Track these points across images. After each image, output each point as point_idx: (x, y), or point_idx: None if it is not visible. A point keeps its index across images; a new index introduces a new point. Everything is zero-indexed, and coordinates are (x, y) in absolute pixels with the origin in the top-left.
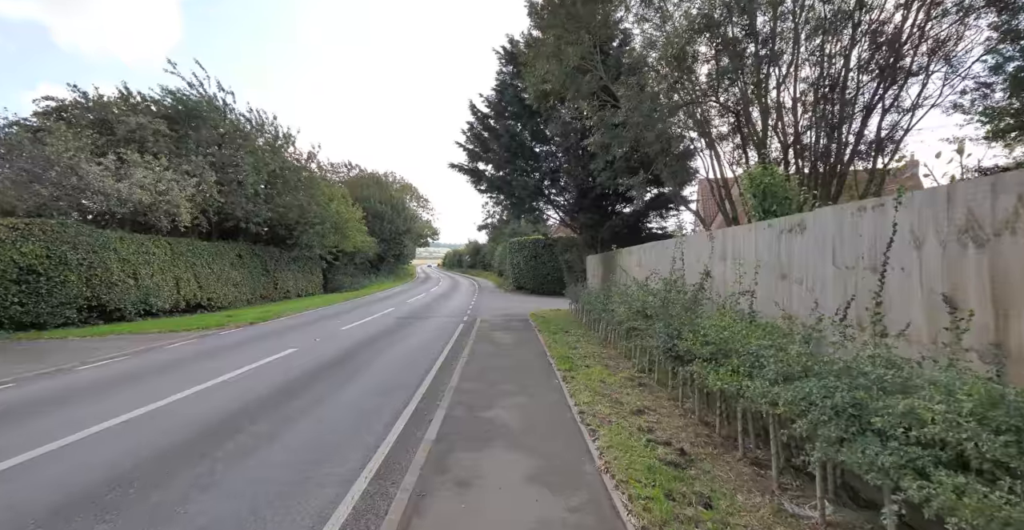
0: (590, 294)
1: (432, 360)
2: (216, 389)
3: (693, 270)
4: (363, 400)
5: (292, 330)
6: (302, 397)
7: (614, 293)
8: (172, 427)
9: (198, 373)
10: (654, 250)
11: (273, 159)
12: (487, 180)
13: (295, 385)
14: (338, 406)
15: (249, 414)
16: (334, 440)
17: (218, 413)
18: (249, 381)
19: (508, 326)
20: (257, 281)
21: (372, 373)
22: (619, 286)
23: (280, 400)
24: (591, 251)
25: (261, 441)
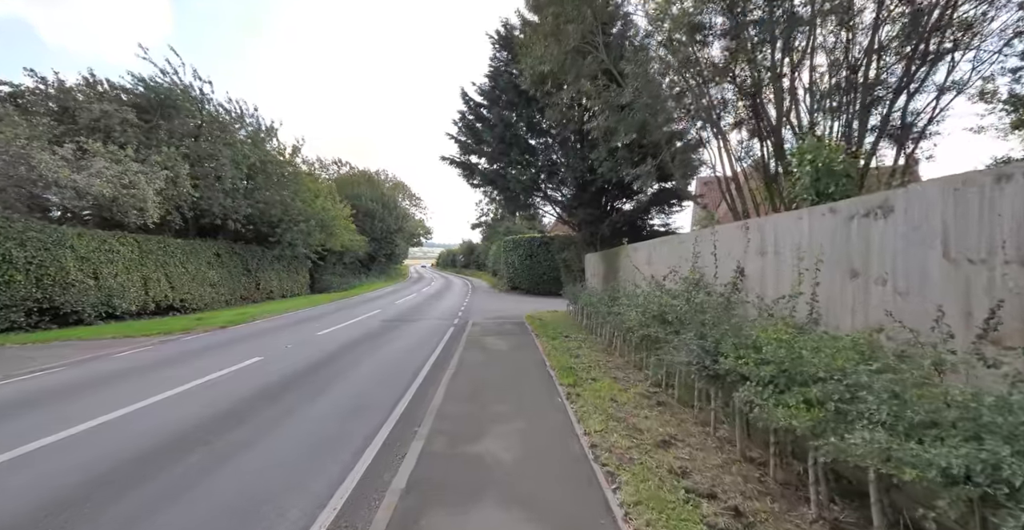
0: (591, 295)
1: (414, 372)
2: (142, 414)
3: (724, 267)
4: (324, 426)
5: (264, 335)
6: (251, 421)
7: (621, 294)
8: (51, 476)
9: (134, 390)
10: (666, 245)
11: (254, 152)
12: (480, 174)
13: (246, 406)
14: (292, 435)
15: (170, 452)
16: (273, 487)
17: (127, 451)
18: (191, 401)
19: (502, 330)
20: (237, 281)
21: (342, 389)
22: (626, 286)
23: (221, 427)
24: (590, 249)
25: (175, 493)
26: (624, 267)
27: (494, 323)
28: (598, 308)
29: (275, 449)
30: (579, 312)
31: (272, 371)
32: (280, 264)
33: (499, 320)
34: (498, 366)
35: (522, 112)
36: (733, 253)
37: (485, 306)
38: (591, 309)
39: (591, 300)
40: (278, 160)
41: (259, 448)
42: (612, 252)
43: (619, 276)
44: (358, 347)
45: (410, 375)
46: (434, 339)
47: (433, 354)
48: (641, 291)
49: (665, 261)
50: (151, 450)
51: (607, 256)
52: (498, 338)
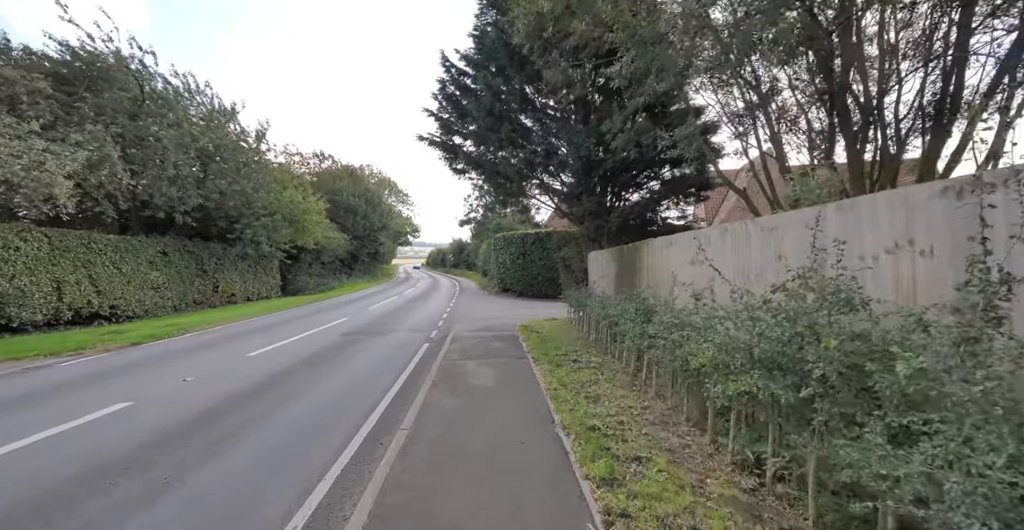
0: (605, 304)
1: (341, 443)
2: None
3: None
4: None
5: (172, 358)
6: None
7: (657, 306)
8: None
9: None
10: (733, 238)
11: (205, 135)
12: (464, 156)
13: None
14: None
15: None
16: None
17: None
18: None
19: (488, 349)
20: (189, 284)
21: (201, 483)
22: (659, 294)
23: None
24: (594, 246)
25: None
26: (651, 268)
27: (479, 338)
28: (619, 323)
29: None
30: (584, 321)
31: (123, 434)
32: (244, 264)
33: (486, 332)
34: (478, 425)
35: (513, 81)
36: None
37: (471, 312)
38: (606, 320)
39: (606, 311)
40: (239, 146)
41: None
42: (629, 249)
43: (641, 280)
44: (284, 382)
45: (333, 446)
46: (396, 366)
47: (386, 397)
48: (706, 308)
49: (731, 261)
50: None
51: (621, 254)
52: (482, 364)
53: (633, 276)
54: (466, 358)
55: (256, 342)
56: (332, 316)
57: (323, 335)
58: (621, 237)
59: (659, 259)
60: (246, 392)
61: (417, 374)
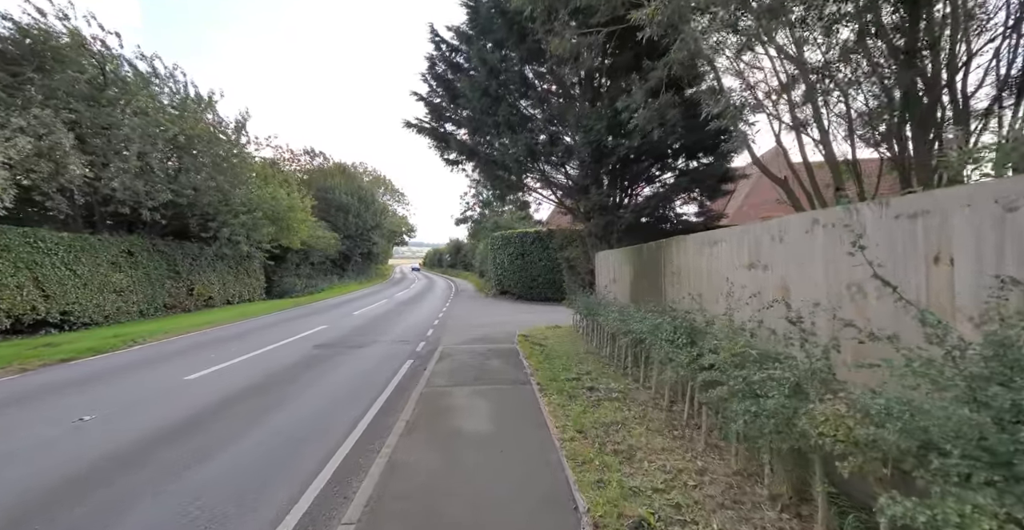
0: (624, 315)
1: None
2: None
3: None
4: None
5: (101, 380)
6: None
7: (710, 331)
8: None
9: None
10: (824, 231)
11: (176, 124)
12: (457, 144)
13: None
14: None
15: None
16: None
17: None
18: None
19: (483, 370)
20: (159, 286)
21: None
22: (705, 308)
23: None
24: (602, 245)
25: None
26: (684, 272)
27: (472, 353)
28: (646, 341)
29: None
30: (594, 332)
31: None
32: (224, 264)
33: (481, 345)
34: (464, 505)
35: (512, 58)
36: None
37: (466, 319)
38: (627, 339)
39: (627, 325)
40: (215, 137)
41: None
42: (650, 249)
43: (668, 286)
44: (206, 425)
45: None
46: (366, 396)
47: (339, 452)
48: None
49: (820, 268)
50: None
51: (639, 255)
52: (474, 393)
53: (657, 281)
54: (454, 383)
55: (208, 358)
56: (311, 323)
57: (291, 348)
58: (631, 236)
59: (697, 260)
60: (142, 445)
61: (390, 409)
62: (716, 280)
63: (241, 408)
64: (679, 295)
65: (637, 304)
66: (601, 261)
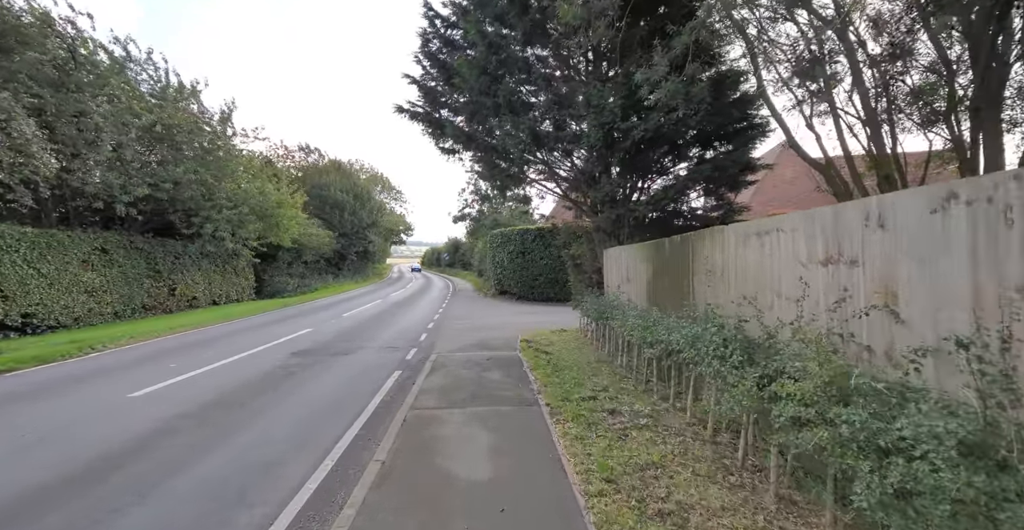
0: (648, 321)
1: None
2: None
3: None
4: None
5: (31, 397)
6: None
7: (769, 347)
8: None
9: None
10: (969, 212)
11: (153, 112)
12: (454, 130)
13: None
14: None
15: None
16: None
17: None
18: None
19: (482, 386)
20: (137, 286)
21: None
22: (776, 315)
23: None
24: (611, 242)
25: None
26: (722, 271)
27: (470, 363)
28: (682, 353)
29: None
30: (606, 338)
31: None
32: (210, 263)
33: (479, 353)
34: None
35: (515, 35)
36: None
37: (464, 322)
38: (653, 350)
39: (654, 333)
40: (198, 128)
41: None
42: (675, 243)
43: (700, 286)
44: (142, 457)
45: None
46: (338, 422)
47: (283, 517)
48: None
49: (960, 263)
50: None
51: (658, 251)
52: (470, 420)
53: (682, 280)
54: (447, 405)
55: (166, 370)
56: (295, 325)
57: (265, 357)
58: (643, 232)
59: (740, 255)
60: (28, 498)
61: (364, 442)
62: (768, 279)
63: (171, 444)
64: (717, 297)
65: (660, 308)
66: (611, 259)
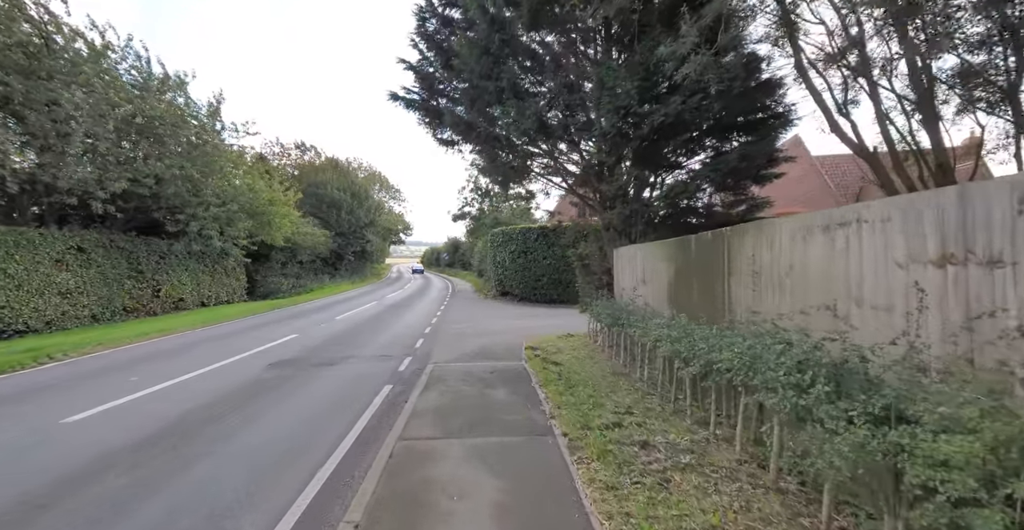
0: (680, 332)
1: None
2: None
3: None
4: None
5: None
6: None
7: (865, 373)
8: None
9: None
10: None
11: (133, 102)
12: (452, 119)
13: None
14: None
15: None
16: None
17: None
18: None
19: (485, 408)
20: (117, 287)
21: None
22: (846, 336)
23: None
24: (623, 240)
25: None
26: (781, 270)
27: (470, 377)
28: (757, 384)
29: None
30: (621, 346)
31: None
32: (198, 263)
33: (481, 364)
34: None
35: (514, 24)
36: None
37: (463, 326)
38: (691, 369)
39: (690, 347)
40: (183, 120)
41: None
42: (703, 240)
43: (743, 290)
44: (51, 509)
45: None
46: (307, 462)
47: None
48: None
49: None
50: None
51: (684, 250)
52: (471, 455)
53: (715, 284)
54: (444, 433)
55: (124, 385)
56: (282, 330)
57: (241, 367)
58: (656, 230)
59: (798, 254)
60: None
61: (339, 485)
62: (842, 284)
63: (77, 501)
64: (762, 304)
65: (685, 313)
66: (623, 259)
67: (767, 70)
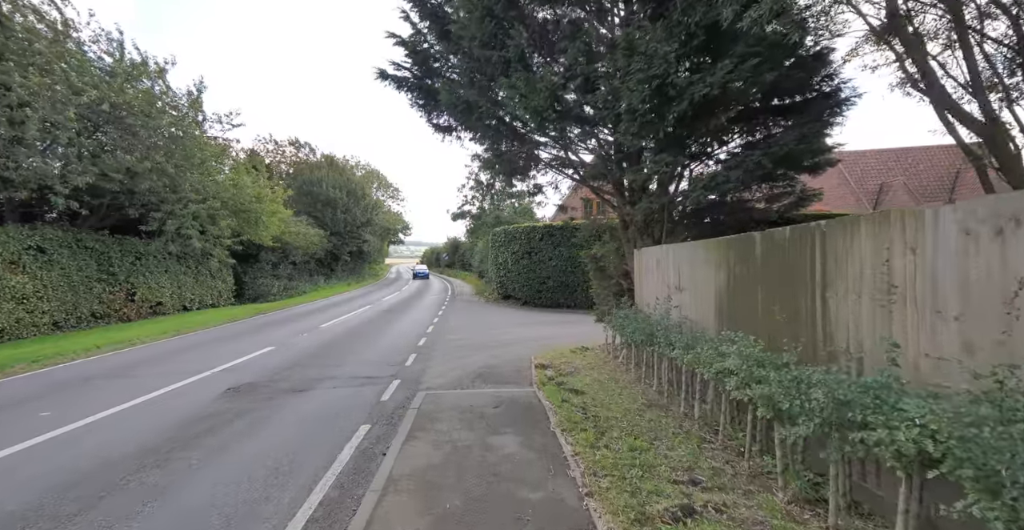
0: (780, 379)
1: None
2: None
3: None
4: None
5: None
6: None
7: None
8: None
9: None
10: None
11: (99, 86)
12: (449, 96)
13: None
14: None
15: None
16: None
17: None
18: None
19: (487, 465)
20: (84, 291)
21: None
22: None
23: None
24: (646, 240)
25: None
26: (964, 284)
27: (470, 415)
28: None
29: None
30: (651, 365)
31: None
32: (178, 264)
33: (482, 394)
34: None
35: None
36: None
37: (461, 336)
38: (808, 429)
39: (852, 402)
40: (159, 110)
41: None
42: (780, 239)
43: (878, 309)
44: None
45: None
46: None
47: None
48: None
49: None
50: None
51: (746, 251)
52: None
53: (800, 298)
54: (430, 527)
55: (28, 424)
56: (258, 341)
57: (193, 394)
58: (682, 229)
59: (978, 259)
60: None
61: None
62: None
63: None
64: (904, 330)
65: (754, 334)
66: (648, 261)
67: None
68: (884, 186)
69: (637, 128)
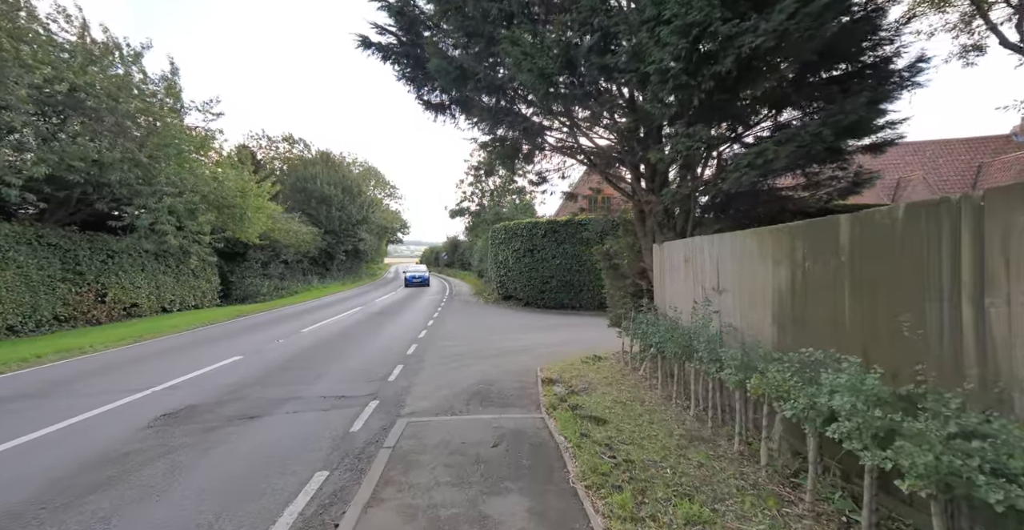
0: (896, 429)
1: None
2: None
3: None
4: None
5: None
6: None
7: None
8: None
9: None
10: None
11: (57, 67)
12: (439, 63)
13: None
14: None
15: None
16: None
17: None
18: None
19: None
20: (46, 292)
21: None
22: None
23: None
24: (666, 233)
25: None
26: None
27: (461, 460)
28: None
29: None
30: (684, 381)
31: None
32: (157, 262)
33: (479, 421)
34: None
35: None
36: None
37: (458, 342)
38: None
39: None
40: (128, 93)
41: None
42: (892, 220)
43: None
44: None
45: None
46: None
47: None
48: None
49: None
50: None
51: (818, 241)
52: None
53: (922, 306)
54: None
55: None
56: (222, 351)
57: (110, 426)
58: (717, 221)
59: None
60: None
61: None
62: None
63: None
64: None
65: (846, 351)
66: (672, 258)
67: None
68: (902, 181)
69: (668, 91)
